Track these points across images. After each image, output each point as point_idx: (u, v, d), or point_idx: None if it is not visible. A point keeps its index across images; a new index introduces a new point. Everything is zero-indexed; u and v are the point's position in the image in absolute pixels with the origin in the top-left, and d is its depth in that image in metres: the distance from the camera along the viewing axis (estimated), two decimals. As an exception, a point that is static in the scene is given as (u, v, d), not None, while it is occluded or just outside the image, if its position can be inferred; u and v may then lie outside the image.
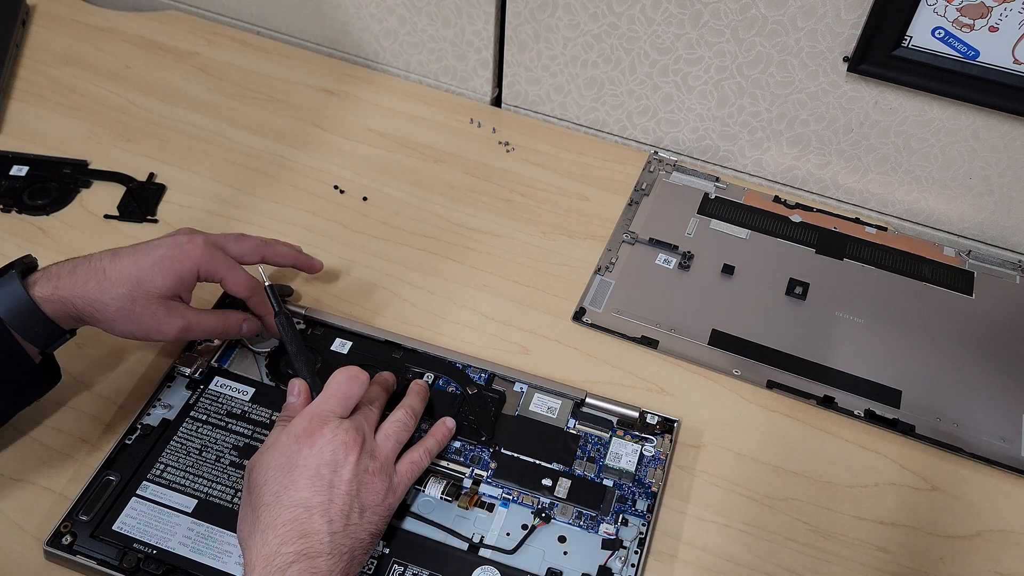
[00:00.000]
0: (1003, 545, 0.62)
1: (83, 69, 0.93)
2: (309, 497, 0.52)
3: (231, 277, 0.62)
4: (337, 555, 0.51)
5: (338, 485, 0.53)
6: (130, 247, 0.60)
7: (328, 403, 0.57)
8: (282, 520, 0.51)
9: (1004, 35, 0.69)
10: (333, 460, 0.54)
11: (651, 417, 0.65)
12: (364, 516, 0.53)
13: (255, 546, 0.51)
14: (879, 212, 0.85)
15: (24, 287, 0.56)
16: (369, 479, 0.55)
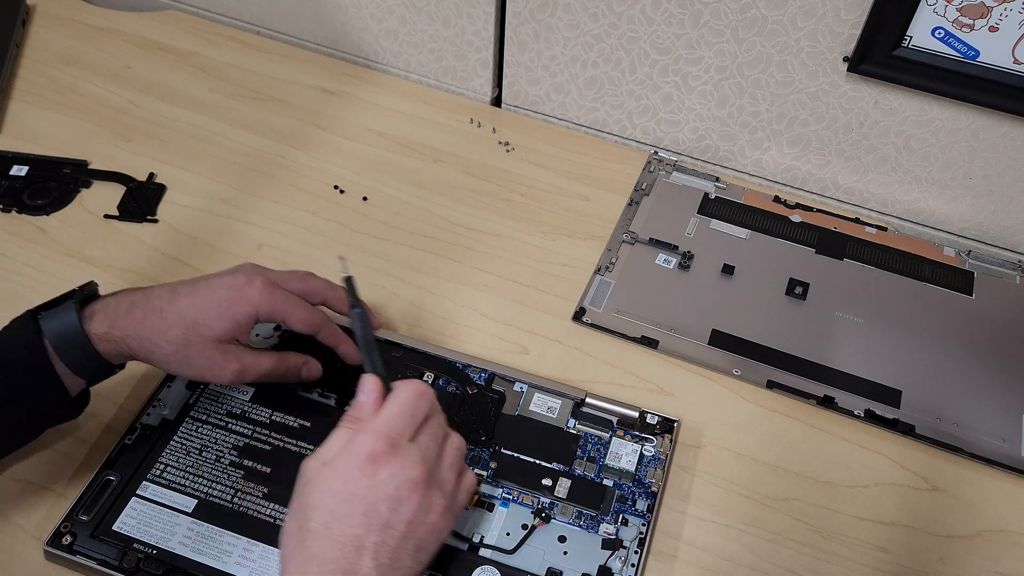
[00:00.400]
0: (1003, 545, 0.62)
1: (83, 69, 0.93)
2: (362, 535, 0.48)
3: (294, 315, 0.60)
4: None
5: (396, 526, 0.49)
6: (190, 284, 0.58)
7: (397, 423, 0.52)
8: (329, 556, 0.47)
9: (1004, 35, 0.69)
10: (396, 496, 0.49)
11: (651, 417, 0.65)
12: (417, 555, 0.50)
13: (295, 571, 0.48)
14: (879, 212, 0.85)
15: (80, 320, 0.55)
16: (431, 519, 0.51)
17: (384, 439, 0.50)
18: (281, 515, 0.58)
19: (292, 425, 0.63)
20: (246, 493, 0.59)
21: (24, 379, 0.54)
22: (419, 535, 0.50)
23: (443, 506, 0.52)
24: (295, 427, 0.63)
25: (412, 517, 0.50)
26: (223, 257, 0.76)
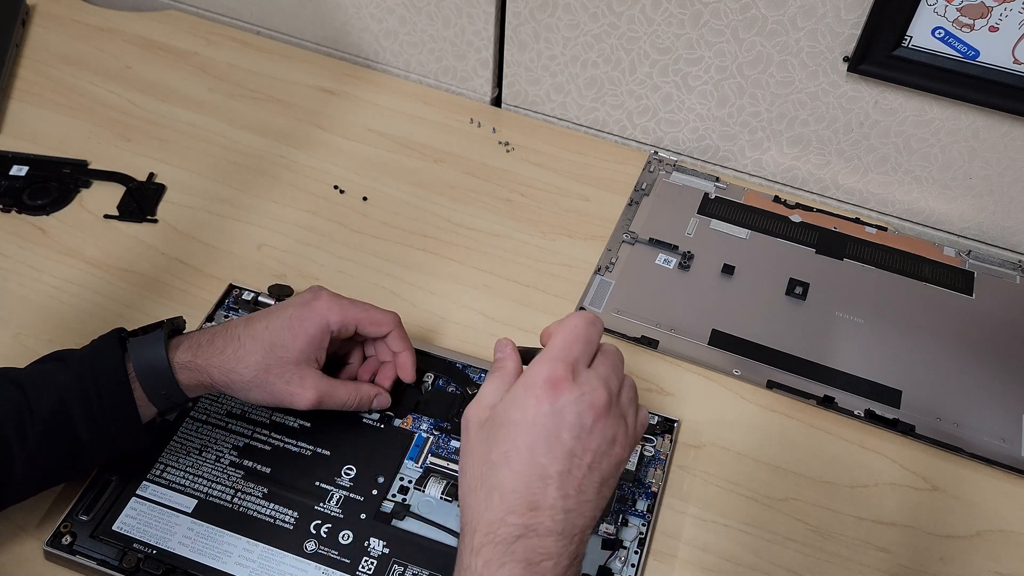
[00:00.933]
0: (1003, 545, 0.62)
1: (83, 69, 0.93)
2: (546, 465, 0.46)
3: (367, 317, 0.60)
4: (568, 536, 0.46)
5: (581, 455, 0.46)
6: (263, 311, 0.59)
7: (573, 349, 0.48)
8: (512, 486, 0.45)
9: (1004, 35, 0.69)
10: (579, 424, 0.47)
11: (651, 417, 0.65)
12: (601, 491, 0.47)
13: (477, 506, 0.46)
14: (879, 212, 0.85)
15: (166, 349, 0.55)
16: (615, 451, 0.48)
17: (562, 364, 0.48)
18: (281, 515, 0.58)
19: (292, 425, 0.63)
20: (246, 493, 0.59)
21: (103, 398, 0.54)
22: (603, 468, 0.48)
23: (625, 437, 0.49)
24: (295, 427, 0.63)
25: (597, 447, 0.47)
26: (223, 257, 0.76)
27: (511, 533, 0.45)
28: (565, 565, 0.46)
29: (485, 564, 0.45)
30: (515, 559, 0.44)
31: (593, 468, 0.47)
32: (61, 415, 0.53)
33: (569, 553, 0.46)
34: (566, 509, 0.46)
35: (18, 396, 0.53)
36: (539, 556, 0.45)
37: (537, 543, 0.45)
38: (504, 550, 0.45)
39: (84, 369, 0.54)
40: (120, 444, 0.56)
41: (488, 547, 0.45)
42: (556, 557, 0.45)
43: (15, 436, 0.52)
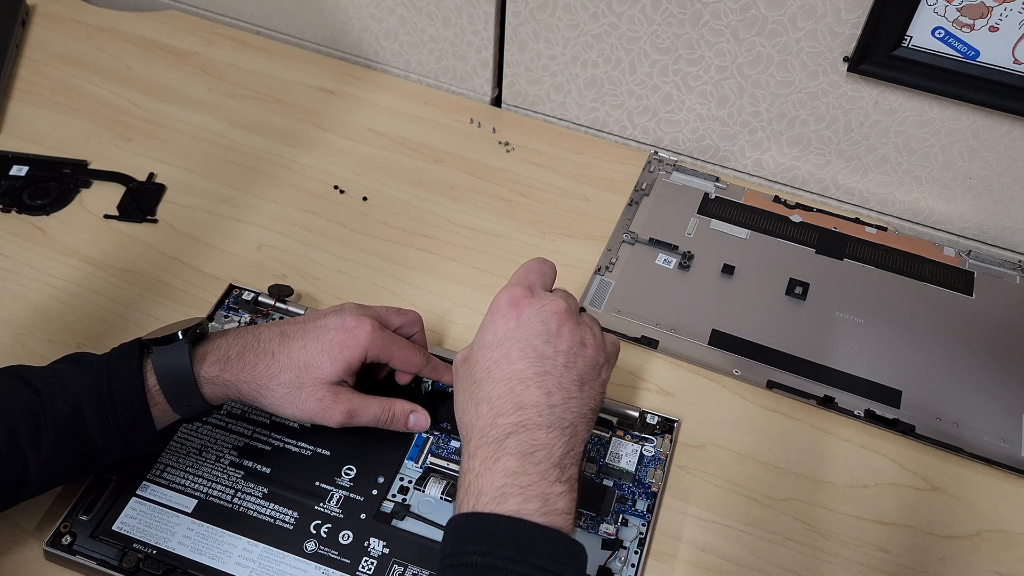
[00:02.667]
0: (1003, 545, 0.62)
1: (83, 69, 0.93)
2: (523, 369, 0.50)
3: (400, 356, 0.60)
4: (557, 428, 0.49)
5: (553, 356, 0.51)
6: (298, 326, 0.58)
7: (529, 276, 0.55)
8: (496, 393, 0.49)
9: (1004, 35, 0.69)
10: (546, 330, 0.51)
11: (651, 417, 0.65)
12: (583, 389, 0.51)
13: (469, 420, 0.50)
14: (879, 212, 0.85)
15: (191, 360, 0.55)
16: (587, 352, 0.52)
17: (520, 287, 0.54)
18: (281, 515, 0.58)
19: (292, 425, 0.63)
20: (246, 493, 0.59)
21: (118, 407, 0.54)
22: (579, 366, 0.52)
23: (595, 344, 0.53)
24: (295, 427, 0.63)
25: (568, 347, 0.52)
26: (223, 257, 0.76)
27: (502, 432, 0.48)
28: (559, 455, 0.49)
29: (482, 462, 0.48)
30: (508, 453, 0.48)
31: (569, 367, 0.51)
32: (75, 421, 0.53)
33: (562, 444, 0.49)
34: (550, 404, 0.49)
35: (33, 400, 0.53)
36: (531, 447, 0.48)
37: (527, 436, 0.48)
38: (497, 447, 0.48)
39: (101, 376, 0.54)
40: (134, 449, 0.56)
41: (483, 448, 0.49)
42: (548, 447, 0.48)
43: (29, 440, 0.52)
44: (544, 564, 0.45)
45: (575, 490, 0.49)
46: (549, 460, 0.48)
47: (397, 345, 0.60)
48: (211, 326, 0.67)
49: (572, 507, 0.48)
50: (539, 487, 0.47)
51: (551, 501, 0.47)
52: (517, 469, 0.47)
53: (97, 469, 0.57)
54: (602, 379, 0.54)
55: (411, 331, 0.63)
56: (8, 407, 0.52)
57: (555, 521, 0.47)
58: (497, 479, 0.47)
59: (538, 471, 0.47)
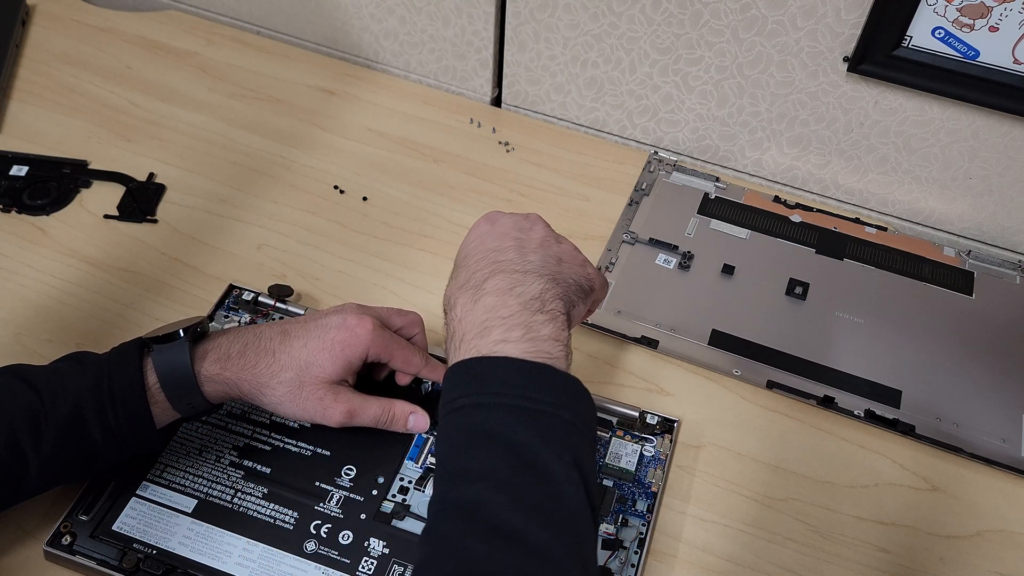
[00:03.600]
0: (1003, 545, 0.62)
1: (83, 69, 0.93)
2: (499, 246, 0.52)
3: (400, 356, 0.60)
4: (536, 274, 0.50)
5: (527, 240, 0.53)
6: (299, 325, 0.58)
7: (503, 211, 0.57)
8: (473, 260, 0.51)
9: (1004, 35, 0.69)
10: (520, 226, 0.54)
11: (651, 417, 0.65)
12: (562, 265, 0.53)
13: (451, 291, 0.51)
14: (879, 212, 0.85)
15: (191, 359, 0.55)
16: (564, 245, 0.54)
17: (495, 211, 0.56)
18: (281, 515, 0.58)
19: (292, 425, 0.63)
20: (246, 493, 0.59)
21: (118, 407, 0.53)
22: (554, 249, 0.53)
23: (573, 245, 0.55)
24: (295, 427, 0.63)
25: (542, 237, 0.53)
26: (223, 257, 0.76)
27: (480, 279, 0.49)
28: (539, 290, 0.49)
29: (463, 307, 0.49)
30: (487, 292, 0.49)
31: (544, 245, 0.53)
32: (76, 420, 0.53)
33: (540, 284, 0.49)
34: (526, 259, 0.51)
35: (33, 399, 0.53)
36: (509, 285, 0.49)
37: (505, 277, 0.49)
38: (476, 291, 0.49)
39: (101, 376, 0.54)
40: (134, 448, 0.55)
41: (462, 296, 0.50)
42: (526, 284, 0.49)
43: (29, 440, 0.52)
44: (530, 394, 0.45)
45: (561, 322, 0.49)
46: (528, 294, 0.49)
47: (398, 345, 0.60)
48: (211, 326, 0.67)
49: (560, 335, 0.48)
50: (520, 316, 0.48)
51: (534, 328, 0.47)
52: (497, 303, 0.48)
53: (98, 469, 0.57)
54: (587, 272, 0.54)
55: (412, 332, 0.63)
56: (8, 406, 0.52)
57: (543, 348, 0.47)
58: (479, 316, 0.48)
59: (518, 302, 0.48)
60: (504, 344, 0.47)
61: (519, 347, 0.46)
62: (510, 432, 0.44)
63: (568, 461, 0.44)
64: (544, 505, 0.42)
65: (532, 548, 0.40)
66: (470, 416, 0.45)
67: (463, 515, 0.42)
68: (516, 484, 0.42)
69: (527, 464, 0.43)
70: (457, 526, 0.42)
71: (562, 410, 0.45)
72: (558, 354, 0.47)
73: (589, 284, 0.54)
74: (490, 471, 0.43)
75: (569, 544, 0.42)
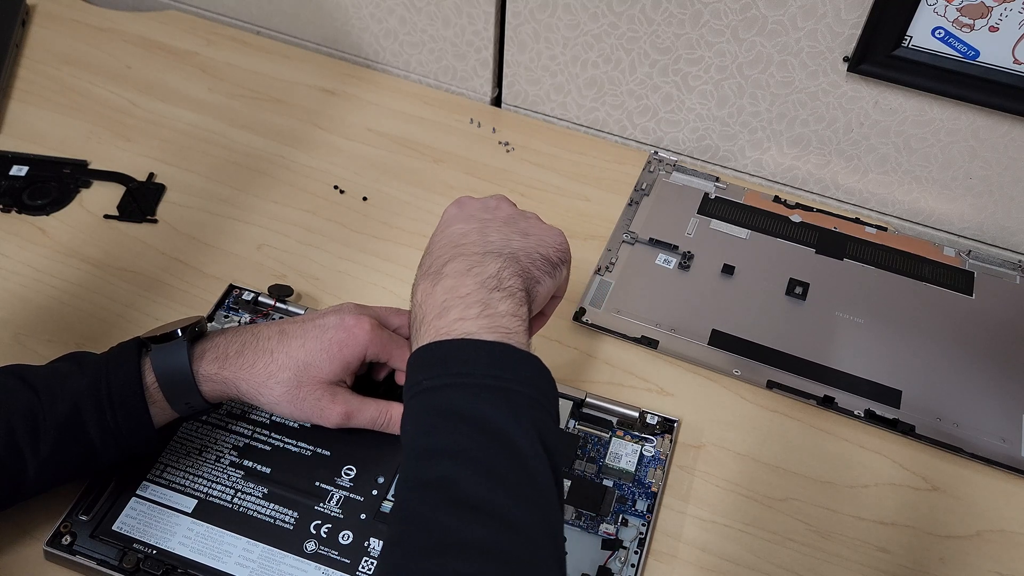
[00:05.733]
0: (1003, 545, 0.62)
1: (83, 69, 0.93)
2: (464, 229, 0.52)
3: (399, 355, 0.59)
4: (495, 253, 0.50)
5: (491, 219, 0.53)
6: (297, 325, 0.58)
7: None
8: (436, 245, 0.52)
9: (1004, 35, 0.69)
10: (486, 207, 0.55)
11: (651, 417, 0.65)
12: (528, 239, 0.53)
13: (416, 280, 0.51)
14: (879, 212, 0.85)
15: (190, 358, 0.55)
16: (529, 218, 0.55)
17: (465, 196, 0.57)
18: (281, 515, 0.58)
19: (292, 425, 0.63)
20: (246, 493, 0.59)
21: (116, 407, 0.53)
22: (520, 225, 0.53)
23: (538, 217, 0.55)
24: (295, 427, 0.63)
25: (508, 215, 0.54)
26: (223, 257, 0.76)
27: (440, 263, 0.50)
28: (496, 268, 0.49)
29: (423, 292, 0.50)
30: (446, 275, 0.49)
31: (509, 223, 0.53)
32: (74, 421, 0.53)
33: (499, 263, 0.49)
34: (487, 240, 0.51)
35: (32, 399, 0.53)
36: (467, 267, 0.49)
37: (463, 260, 0.50)
38: (435, 276, 0.50)
39: (99, 375, 0.54)
40: (133, 448, 0.55)
41: (423, 282, 0.50)
42: (484, 265, 0.49)
43: (28, 439, 0.52)
44: (493, 372, 0.45)
45: (519, 298, 0.49)
46: (485, 273, 0.49)
47: (396, 344, 0.59)
48: (211, 326, 0.67)
49: (519, 311, 0.48)
50: (478, 294, 0.48)
51: (492, 304, 0.48)
52: (455, 284, 0.49)
53: (96, 470, 0.57)
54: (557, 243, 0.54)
55: (407, 332, 0.63)
56: (6, 406, 0.52)
57: (500, 323, 0.47)
58: (437, 298, 0.49)
59: (475, 282, 0.49)
60: (462, 322, 0.47)
61: (477, 323, 0.47)
62: (476, 410, 0.44)
63: (533, 436, 0.44)
64: (512, 478, 0.42)
65: (502, 519, 0.41)
66: (435, 396, 0.46)
67: (432, 491, 0.42)
68: (484, 459, 0.43)
69: (494, 440, 0.43)
70: (427, 502, 0.42)
71: (524, 386, 0.46)
72: (516, 329, 0.48)
73: (559, 255, 0.54)
74: (458, 448, 0.43)
75: (538, 516, 0.42)
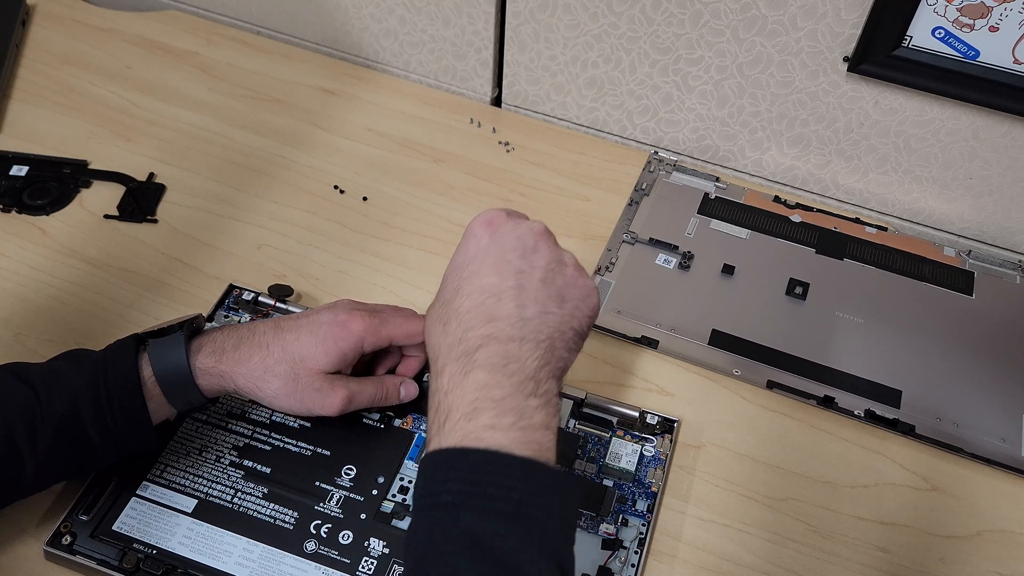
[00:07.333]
0: (1003, 545, 0.62)
1: (83, 69, 0.93)
2: (496, 283, 0.47)
3: (398, 332, 0.58)
4: (533, 341, 0.46)
5: (529, 271, 0.48)
6: (292, 320, 0.58)
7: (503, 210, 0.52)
8: (466, 307, 0.47)
9: (1004, 35, 0.69)
10: (521, 246, 0.49)
11: (651, 417, 0.65)
12: (564, 307, 0.48)
13: (437, 340, 0.47)
14: (879, 212, 0.85)
15: (187, 352, 0.55)
16: (567, 271, 0.49)
17: (495, 211, 0.51)
18: (281, 515, 0.58)
19: (292, 425, 0.63)
20: (246, 493, 0.59)
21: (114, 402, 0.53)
22: (558, 284, 0.49)
23: (576, 265, 0.50)
24: (295, 427, 0.63)
25: (545, 263, 0.49)
26: (223, 257, 0.76)
27: (471, 346, 0.45)
28: (534, 367, 0.46)
29: (451, 378, 0.46)
30: (479, 366, 0.45)
31: (547, 282, 0.48)
32: (72, 418, 0.53)
33: (537, 357, 0.45)
34: (523, 317, 0.46)
35: (30, 397, 0.53)
36: (503, 359, 0.45)
37: (498, 348, 0.45)
38: (467, 361, 0.45)
39: (97, 372, 0.54)
40: (131, 445, 0.55)
41: (451, 363, 0.46)
42: (521, 360, 0.45)
43: (25, 438, 0.52)
44: (520, 498, 0.42)
45: (554, 405, 0.46)
46: (523, 372, 0.45)
47: (391, 324, 0.58)
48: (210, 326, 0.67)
49: (551, 422, 0.45)
50: (513, 400, 0.44)
51: (527, 415, 0.44)
52: (489, 381, 0.45)
53: (95, 468, 0.57)
54: (590, 303, 0.50)
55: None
56: (4, 404, 0.52)
57: (533, 437, 0.44)
58: (468, 393, 0.45)
59: (512, 383, 0.45)
60: (494, 432, 0.43)
61: (509, 436, 0.43)
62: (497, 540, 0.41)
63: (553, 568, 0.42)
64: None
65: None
66: (456, 517, 0.42)
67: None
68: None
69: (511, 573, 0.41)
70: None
71: (552, 512, 0.43)
72: (548, 445, 0.45)
73: (591, 322, 0.51)
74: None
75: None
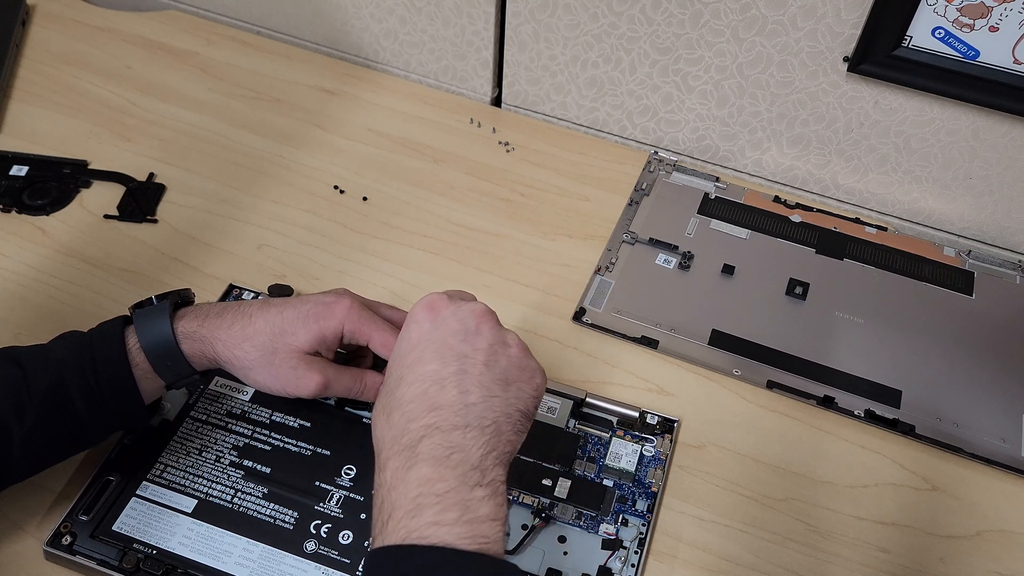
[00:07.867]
0: (1003, 545, 0.62)
1: (83, 69, 0.93)
2: (438, 369, 0.46)
3: (376, 337, 0.57)
4: (478, 428, 0.45)
5: (472, 355, 0.47)
6: (280, 299, 0.59)
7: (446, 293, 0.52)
8: (408, 396, 0.46)
9: (1004, 35, 0.69)
10: (463, 330, 0.48)
11: (651, 417, 0.65)
12: (508, 389, 0.47)
13: (381, 433, 0.46)
14: (879, 212, 0.85)
15: (171, 319, 0.55)
16: (511, 352, 0.48)
17: (437, 295, 0.51)
18: (281, 515, 0.58)
19: (292, 425, 0.63)
20: (246, 493, 0.59)
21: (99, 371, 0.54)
22: (502, 365, 0.48)
23: (520, 345, 0.50)
24: (295, 427, 0.63)
25: (488, 345, 0.48)
26: (223, 257, 0.76)
27: (414, 438, 0.44)
28: (479, 456, 0.45)
29: (394, 473, 0.45)
30: (421, 459, 0.44)
31: (490, 365, 0.47)
32: (58, 390, 0.53)
33: (481, 444, 0.44)
34: (467, 403, 0.45)
35: (16, 373, 0.53)
36: (446, 450, 0.44)
37: (441, 439, 0.44)
38: (410, 454, 0.44)
39: (83, 344, 0.55)
40: (121, 418, 0.56)
41: (394, 457, 0.45)
42: (466, 449, 0.44)
43: (12, 414, 0.52)
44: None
45: (501, 493, 0.45)
46: (468, 463, 0.44)
47: (375, 326, 0.58)
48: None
49: (499, 512, 0.44)
50: (457, 493, 0.43)
51: (472, 507, 0.43)
52: (432, 475, 0.43)
53: (85, 444, 0.57)
54: (535, 383, 0.49)
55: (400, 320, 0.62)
56: None
57: (479, 531, 0.42)
58: (411, 489, 0.43)
59: (455, 475, 0.43)
60: (437, 528, 0.42)
61: (453, 531, 0.42)
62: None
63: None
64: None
65: None
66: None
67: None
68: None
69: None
70: None
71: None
72: (495, 537, 0.43)
73: (536, 401, 0.50)
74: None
75: None
